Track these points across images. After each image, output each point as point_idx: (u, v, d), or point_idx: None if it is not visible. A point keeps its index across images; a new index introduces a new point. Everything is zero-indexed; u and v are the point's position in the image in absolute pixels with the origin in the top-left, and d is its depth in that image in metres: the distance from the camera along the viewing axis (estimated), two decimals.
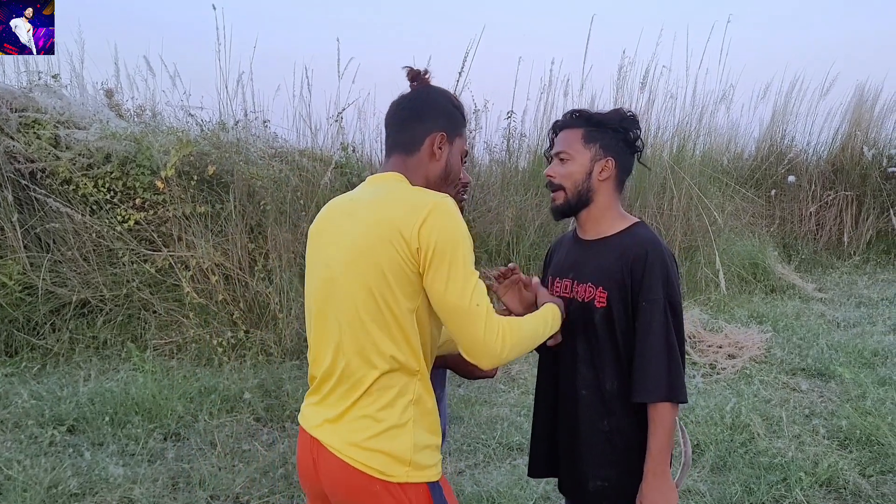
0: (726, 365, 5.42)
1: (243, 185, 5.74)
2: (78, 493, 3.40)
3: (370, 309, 1.62)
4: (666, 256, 1.88)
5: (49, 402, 4.37)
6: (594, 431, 1.95)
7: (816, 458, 3.80)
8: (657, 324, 1.83)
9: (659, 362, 1.83)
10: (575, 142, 1.95)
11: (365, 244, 1.62)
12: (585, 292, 1.94)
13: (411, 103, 1.77)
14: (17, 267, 5.45)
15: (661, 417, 1.83)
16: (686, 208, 7.36)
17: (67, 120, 5.95)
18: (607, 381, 1.92)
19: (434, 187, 1.73)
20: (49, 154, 5.75)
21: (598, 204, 1.96)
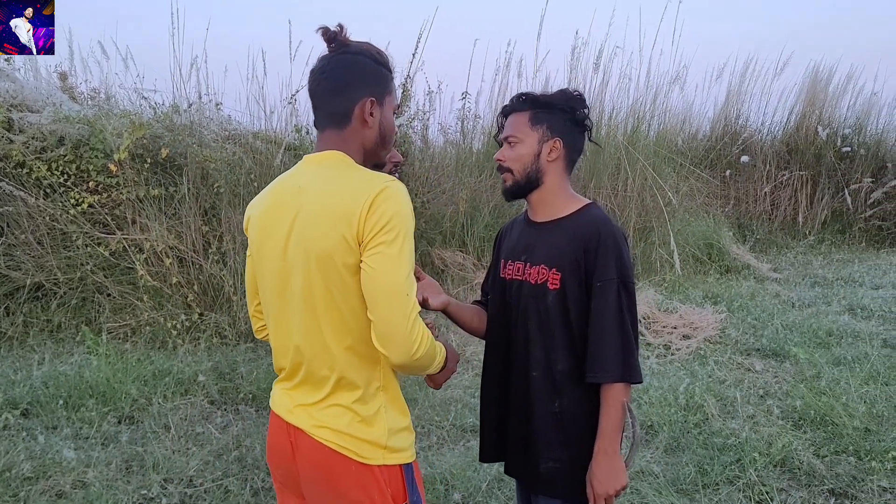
0: (681, 346, 5.50)
1: (197, 168, 5.85)
2: (31, 476, 3.45)
3: (325, 305, 1.59)
4: (618, 236, 1.89)
5: (2, 385, 4.44)
6: (545, 413, 1.96)
7: (771, 439, 3.84)
8: (611, 304, 1.85)
9: (614, 343, 1.84)
10: (522, 125, 1.98)
11: (313, 235, 1.57)
12: (538, 275, 1.96)
13: (334, 72, 1.67)
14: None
15: (615, 398, 1.84)
16: (640, 189, 7.51)
17: (21, 103, 6.01)
18: (559, 362, 1.93)
19: (372, 154, 1.72)
20: (2, 138, 5.80)
21: (547, 185, 1.98)
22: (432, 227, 6.87)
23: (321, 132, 1.70)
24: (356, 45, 1.70)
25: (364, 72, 1.67)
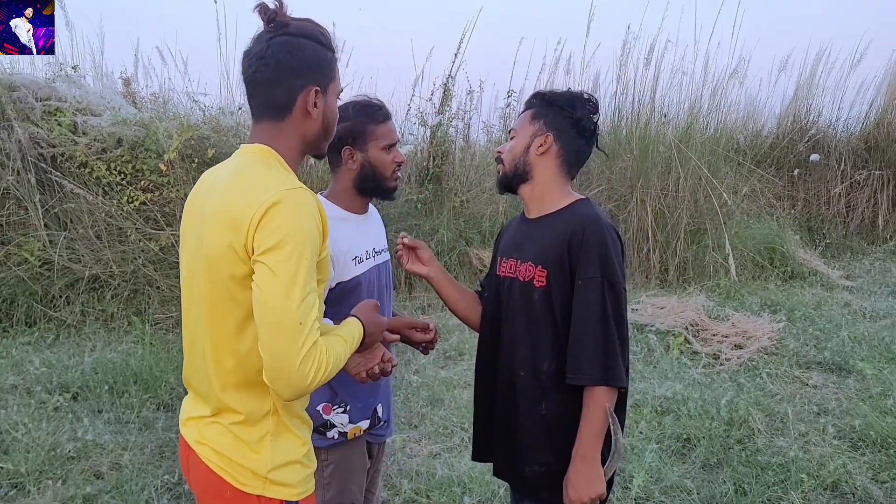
0: (731, 355, 5.30)
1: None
2: (74, 456, 3.77)
3: (209, 317, 1.51)
4: (606, 233, 1.86)
5: (58, 370, 4.90)
6: (531, 415, 1.95)
7: (822, 460, 3.66)
8: (592, 303, 1.82)
9: (594, 343, 1.81)
10: (525, 119, 2.03)
11: (207, 243, 1.48)
12: (526, 272, 1.96)
13: (274, 57, 1.52)
14: (37, 244, 6.10)
15: (596, 402, 1.81)
16: (693, 189, 7.35)
17: (85, 108, 6.54)
18: (545, 362, 1.92)
19: (313, 146, 1.62)
20: (68, 139, 6.34)
21: (536, 180, 2.00)
22: (471, 226, 7.00)
23: (256, 122, 1.59)
24: (297, 24, 1.56)
25: (308, 57, 1.54)
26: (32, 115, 6.45)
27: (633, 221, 7.35)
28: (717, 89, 7.93)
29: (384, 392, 2.27)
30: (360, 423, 2.19)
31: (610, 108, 7.68)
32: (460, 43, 6.81)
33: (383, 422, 2.27)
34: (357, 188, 2.18)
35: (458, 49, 6.81)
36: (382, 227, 2.38)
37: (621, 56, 7.61)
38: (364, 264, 2.18)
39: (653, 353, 5.38)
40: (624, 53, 7.66)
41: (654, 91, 7.59)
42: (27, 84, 6.58)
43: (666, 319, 5.85)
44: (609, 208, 7.42)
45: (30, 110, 6.46)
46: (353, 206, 2.20)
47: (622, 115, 7.81)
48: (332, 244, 1.91)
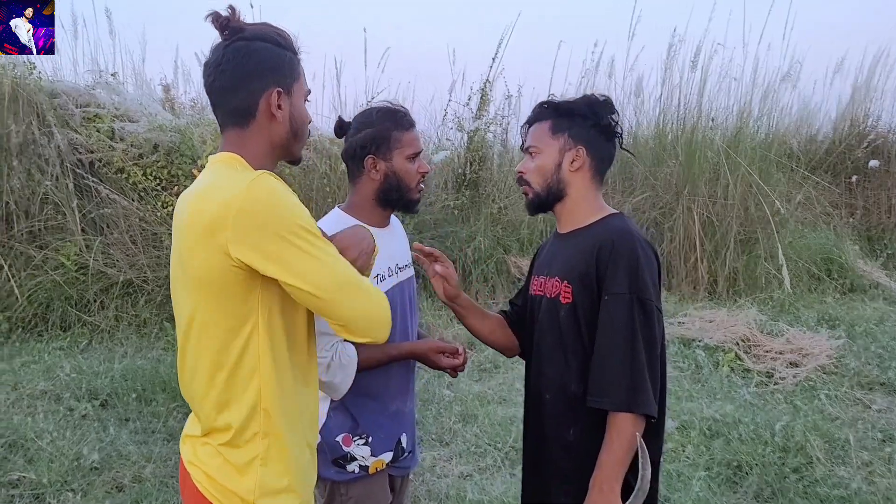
0: (786, 374, 5.03)
1: None
2: (97, 467, 3.73)
3: (201, 334, 1.47)
4: (638, 248, 1.76)
5: (88, 376, 4.91)
6: (558, 441, 1.85)
7: (889, 493, 3.45)
8: (619, 321, 1.70)
9: (618, 365, 1.69)
10: (543, 134, 1.91)
11: (186, 256, 1.45)
12: (553, 288, 1.87)
13: (232, 63, 1.49)
14: (74, 248, 6.15)
15: (619, 429, 1.67)
16: (743, 196, 7.06)
17: (123, 114, 6.60)
18: (572, 384, 1.81)
19: (283, 150, 1.57)
20: (106, 145, 6.40)
21: (571, 196, 1.90)
22: (509, 233, 6.86)
23: (223, 132, 1.56)
24: (253, 28, 1.53)
25: (265, 59, 1.51)
26: (72, 122, 6.57)
27: (679, 230, 7.15)
28: (767, 93, 7.70)
29: (408, 420, 2.16)
30: (383, 455, 2.07)
31: (655, 113, 7.48)
32: (498, 47, 6.70)
33: (407, 453, 2.15)
34: (379, 200, 2.07)
35: (496, 53, 6.71)
36: (406, 241, 2.27)
37: (667, 59, 7.44)
38: (386, 282, 2.06)
39: (701, 369, 5.16)
40: (669, 57, 7.51)
41: (701, 95, 7.36)
42: (68, 91, 6.70)
43: (715, 334, 5.64)
44: (654, 216, 7.25)
45: (70, 116, 6.58)
46: (374, 220, 2.07)
47: (667, 119, 7.61)
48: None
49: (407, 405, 2.14)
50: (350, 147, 2.06)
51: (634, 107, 7.84)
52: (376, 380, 2.02)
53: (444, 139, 6.84)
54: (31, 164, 6.28)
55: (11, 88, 6.26)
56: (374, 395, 2.04)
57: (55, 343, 5.65)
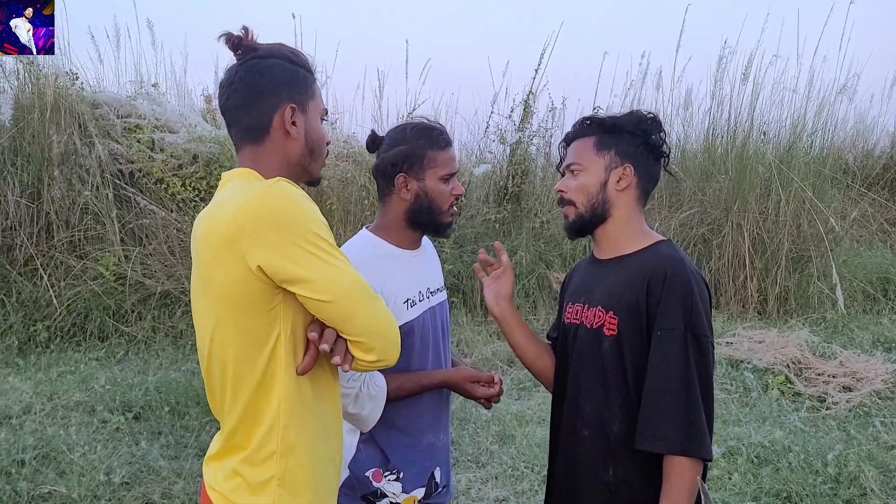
0: (839, 399, 4.81)
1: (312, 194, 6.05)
2: (128, 482, 3.72)
3: (223, 350, 1.44)
4: (692, 280, 1.65)
5: (122, 388, 4.91)
6: (596, 482, 1.73)
7: None
8: (674, 358, 1.60)
9: (674, 405, 1.59)
10: (586, 150, 1.79)
11: (209, 280, 1.43)
12: (594, 317, 1.75)
13: (245, 81, 1.50)
14: (112, 259, 6.14)
15: (678, 475, 1.57)
16: (796, 213, 6.79)
17: (163, 125, 6.59)
18: (614, 422, 1.70)
19: (299, 169, 1.55)
20: (145, 156, 6.39)
21: (616, 218, 1.78)
22: (551, 248, 6.70)
23: (238, 150, 1.55)
24: (266, 47, 1.54)
25: (278, 76, 1.50)
26: (113, 132, 6.60)
27: (727, 247, 6.94)
28: (822, 106, 7.41)
29: (442, 454, 2.06)
30: (415, 491, 1.96)
31: (703, 126, 7.25)
32: (541, 58, 6.56)
33: (441, 487, 2.04)
34: (409, 221, 1.96)
35: (539, 64, 6.56)
36: (438, 263, 2.17)
37: (717, 72, 7.23)
38: (417, 307, 1.95)
39: (749, 393, 4.97)
40: (720, 69, 7.32)
41: (752, 108, 7.12)
42: (109, 101, 6.74)
43: (765, 355, 5.43)
44: (702, 232, 7.06)
45: (111, 127, 6.63)
46: (403, 241, 1.98)
47: (717, 133, 7.38)
48: (384, 286, 1.81)
49: (440, 438, 2.04)
50: (381, 163, 1.96)
51: (683, 119, 7.67)
52: (408, 413, 1.94)
53: (485, 152, 6.72)
54: (71, 175, 6.33)
55: (54, 99, 6.34)
56: (405, 428, 1.94)
57: (92, 353, 5.69)
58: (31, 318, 5.91)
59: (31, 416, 4.45)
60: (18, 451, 3.91)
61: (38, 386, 4.94)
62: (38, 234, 6.22)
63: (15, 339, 5.72)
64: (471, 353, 5.72)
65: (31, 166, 6.23)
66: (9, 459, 3.82)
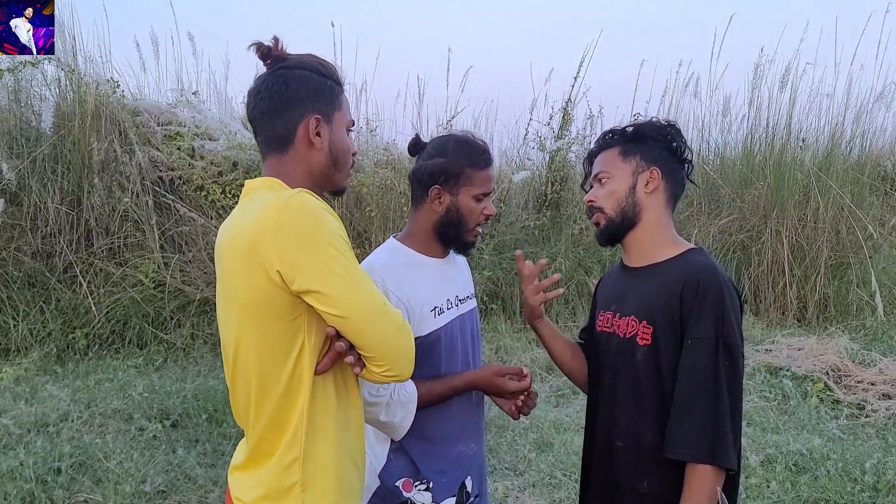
0: (878, 406, 4.71)
1: (351, 192, 6.01)
2: (164, 490, 3.67)
3: (245, 354, 1.43)
4: (725, 289, 1.63)
5: (160, 396, 4.82)
6: (630, 492, 1.72)
7: None
8: (704, 366, 1.59)
9: (702, 413, 1.58)
10: (613, 159, 1.80)
11: (233, 289, 1.42)
12: (628, 327, 1.74)
13: (271, 90, 1.50)
14: (152, 266, 6.06)
15: (699, 483, 1.56)
16: (835, 220, 6.69)
17: (203, 132, 6.55)
18: (648, 433, 1.69)
19: (323, 179, 1.55)
20: (186, 163, 6.34)
21: (646, 223, 1.77)
22: (591, 255, 6.61)
23: (264, 158, 1.54)
24: (295, 57, 1.54)
25: (305, 86, 1.50)
26: (153, 140, 6.54)
27: (766, 254, 6.81)
28: (861, 113, 7.28)
29: (475, 463, 2.01)
30: (446, 501, 1.92)
31: (741, 133, 7.19)
32: (579, 66, 6.51)
33: (474, 497, 1.99)
34: (437, 232, 1.94)
35: (578, 72, 6.52)
36: (468, 271, 2.15)
37: (754, 79, 7.14)
38: (445, 315, 1.93)
39: (788, 400, 4.88)
40: (757, 76, 7.20)
41: (790, 115, 7.02)
42: (150, 109, 6.69)
43: (804, 363, 5.33)
44: (741, 239, 6.93)
45: (151, 134, 6.57)
46: (431, 250, 1.96)
47: (755, 140, 7.27)
48: (410, 294, 1.83)
49: (471, 447, 1.99)
50: (419, 171, 1.94)
51: (721, 127, 7.59)
52: (437, 422, 1.91)
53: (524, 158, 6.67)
54: (112, 182, 6.25)
55: (95, 106, 6.27)
56: (434, 438, 1.91)
57: (130, 361, 5.58)
58: (69, 325, 5.83)
59: (69, 424, 4.36)
60: (55, 460, 3.84)
61: (76, 393, 4.85)
62: (77, 241, 6.14)
63: (54, 347, 5.64)
64: (510, 359, 5.63)
65: (71, 173, 6.16)
66: (45, 467, 3.75)
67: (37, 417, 4.44)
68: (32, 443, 4.06)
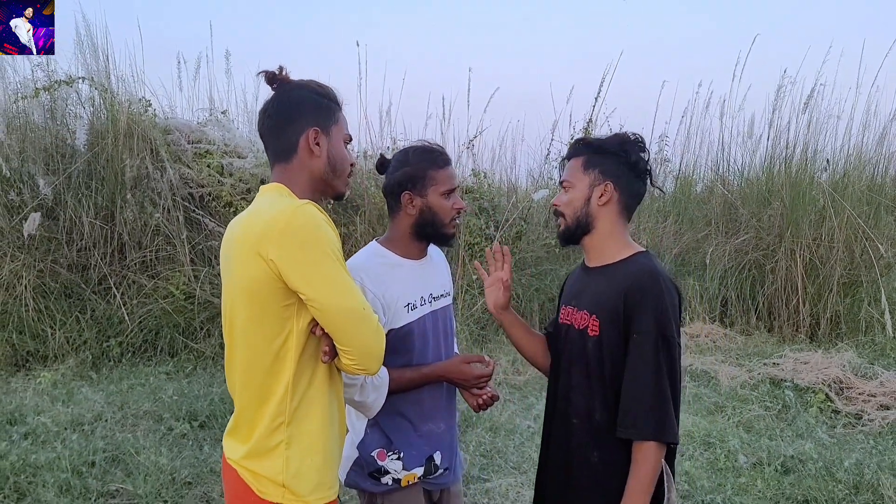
0: (875, 416, 4.85)
1: (373, 209, 6.12)
2: (190, 482, 3.85)
3: (242, 336, 1.64)
4: (664, 288, 1.83)
5: (189, 399, 4.99)
6: (583, 463, 1.94)
7: None
8: (646, 357, 1.80)
9: (647, 398, 1.80)
10: (576, 169, 1.98)
11: (237, 275, 1.62)
12: (582, 320, 1.94)
13: (276, 108, 1.73)
14: (182, 278, 6.20)
15: (645, 456, 1.79)
16: (849, 240, 6.69)
17: (232, 150, 6.69)
18: (597, 411, 1.90)
19: (323, 183, 1.74)
20: (215, 180, 6.48)
21: (599, 230, 1.96)
22: None
23: (272, 168, 1.76)
24: (297, 82, 1.76)
25: (305, 105, 1.72)
26: (184, 157, 6.68)
27: (781, 272, 6.82)
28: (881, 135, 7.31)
29: (443, 440, 2.23)
30: (414, 469, 2.16)
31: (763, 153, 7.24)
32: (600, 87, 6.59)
33: (442, 470, 2.23)
34: (415, 233, 2.15)
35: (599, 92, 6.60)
36: (446, 272, 2.34)
37: (775, 100, 7.17)
38: (417, 311, 2.14)
39: (788, 409, 5.04)
40: (778, 97, 7.23)
41: (807, 136, 7.03)
42: (180, 127, 6.85)
43: (807, 375, 5.47)
44: (756, 257, 6.96)
45: (182, 152, 6.71)
46: (409, 252, 2.17)
47: (774, 160, 7.34)
48: (385, 291, 2.04)
49: (440, 426, 2.21)
50: (389, 184, 2.14)
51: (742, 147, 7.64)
52: (409, 403, 2.13)
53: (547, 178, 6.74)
54: (144, 198, 6.42)
55: (127, 125, 6.45)
56: (406, 416, 2.14)
57: (162, 368, 5.74)
58: (104, 334, 6.00)
59: (102, 423, 4.53)
60: (89, 454, 4.01)
61: (110, 396, 5.01)
62: (111, 255, 6.32)
63: (89, 354, 5.80)
64: (525, 371, 5.69)
65: (105, 189, 6.34)
66: (80, 460, 3.93)
67: (73, 417, 4.60)
68: (68, 439, 4.22)
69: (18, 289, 5.96)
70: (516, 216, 6.85)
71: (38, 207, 6.15)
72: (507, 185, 7.11)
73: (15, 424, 4.47)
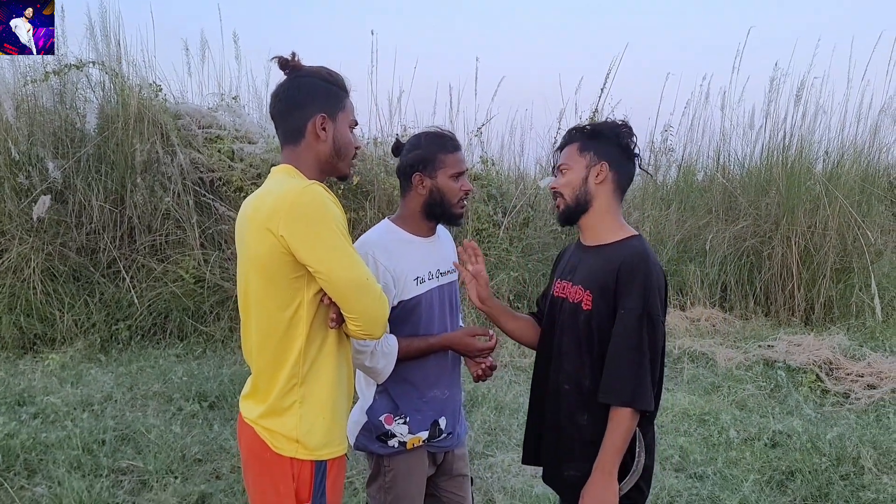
0: (861, 395, 4.96)
1: (383, 195, 6.08)
2: (200, 459, 3.83)
3: (256, 305, 1.72)
4: (652, 270, 1.93)
5: (199, 380, 4.90)
6: (573, 424, 2.04)
7: None
8: (630, 331, 1.90)
9: (627, 367, 1.90)
10: (572, 153, 2.06)
11: (251, 250, 1.69)
12: (576, 294, 2.04)
13: (286, 93, 1.78)
14: (192, 262, 6.12)
15: (619, 420, 1.90)
16: (842, 228, 6.76)
17: (243, 136, 6.62)
18: (586, 378, 2.00)
19: (329, 166, 1.81)
20: (225, 165, 6.41)
21: (596, 209, 2.05)
22: None
23: (282, 149, 1.82)
24: (308, 68, 1.81)
25: (314, 91, 1.77)
26: (195, 142, 6.59)
27: (777, 258, 6.83)
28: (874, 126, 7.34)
29: (448, 406, 2.30)
30: (420, 433, 2.24)
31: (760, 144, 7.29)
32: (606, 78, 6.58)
33: (446, 434, 2.31)
34: (424, 213, 2.22)
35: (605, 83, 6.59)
36: (452, 250, 2.40)
37: (769, 92, 7.18)
38: (425, 284, 2.22)
39: (780, 389, 5.10)
40: (772, 89, 7.24)
41: (801, 128, 7.08)
42: (191, 113, 6.75)
43: (799, 357, 5.51)
44: (753, 244, 6.97)
45: (192, 137, 6.61)
46: (418, 230, 2.25)
47: (770, 151, 7.35)
48: (395, 265, 2.12)
49: (444, 393, 2.28)
50: (401, 165, 2.23)
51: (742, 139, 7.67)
52: (415, 370, 2.20)
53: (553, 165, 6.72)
54: (154, 182, 6.29)
55: (138, 109, 6.31)
56: (413, 382, 2.22)
57: (171, 350, 5.61)
58: (113, 317, 5.87)
59: (112, 404, 4.44)
60: (100, 432, 3.94)
61: (119, 378, 4.91)
62: (121, 238, 6.19)
63: (98, 337, 5.69)
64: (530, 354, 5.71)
65: (115, 173, 6.20)
66: (91, 438, 3.86)
67: (82, 398, 4.50)
68: (79, 418, 4.15)
69: (27, 272, 5.81)
70: (524, 203, 6.84)
71: (47, 191, 6.01)
72: (516, 172, 7.10)
73: (24, 405, 4.36)
